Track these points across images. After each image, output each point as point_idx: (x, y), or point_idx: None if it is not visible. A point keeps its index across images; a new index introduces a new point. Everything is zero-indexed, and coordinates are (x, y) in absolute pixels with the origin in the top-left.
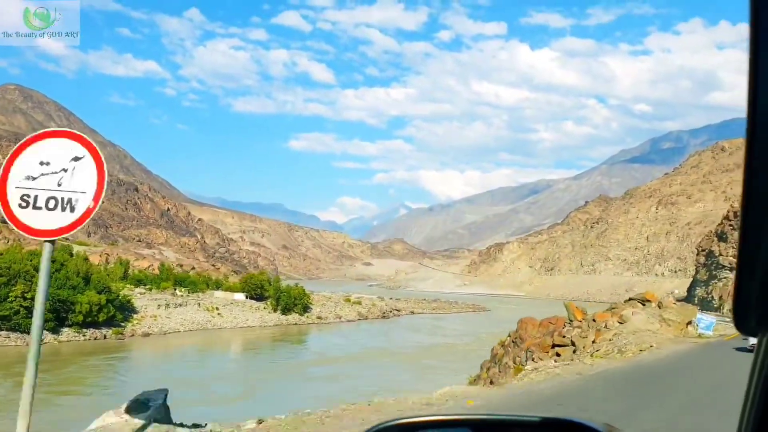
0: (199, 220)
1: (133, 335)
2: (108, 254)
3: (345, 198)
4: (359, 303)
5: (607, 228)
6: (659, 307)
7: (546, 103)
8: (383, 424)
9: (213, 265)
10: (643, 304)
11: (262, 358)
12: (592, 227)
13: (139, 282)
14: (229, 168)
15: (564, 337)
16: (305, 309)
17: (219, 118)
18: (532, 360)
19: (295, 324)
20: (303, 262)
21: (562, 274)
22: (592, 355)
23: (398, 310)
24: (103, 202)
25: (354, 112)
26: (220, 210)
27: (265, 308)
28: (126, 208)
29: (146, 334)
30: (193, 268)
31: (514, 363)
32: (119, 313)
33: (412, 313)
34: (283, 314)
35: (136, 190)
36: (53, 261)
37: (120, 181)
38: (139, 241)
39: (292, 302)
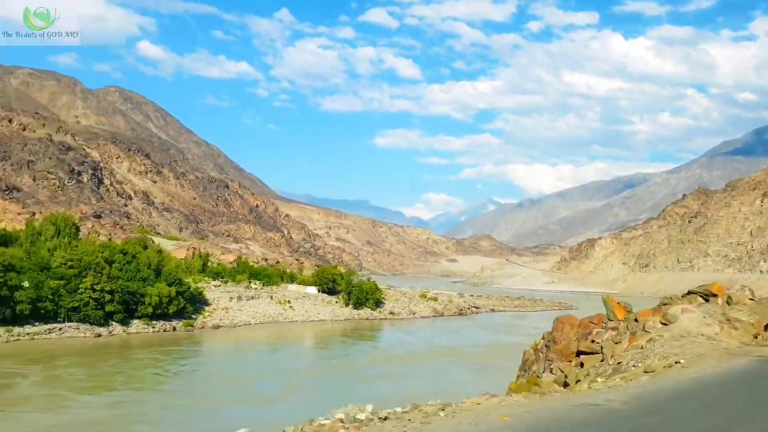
0: (287, 216)
1: (203, 327)
2: (195, 248)
3: (431, 194)
4: (435, 299)
5: (706, 222)
6: (728, 303)
7: (641, 93)
8: None
9: (297, 260)
10: (706, 299)
11: (324, 353)
12: (690, 222)
13: (216, 275)
14: (317, 166)
15: (594, 342)
16: (377, 304)
17: (308, 117)
18: (550, 371)
19: (366, 319)
20: (387, 257)
21: (657, 271)
22: (587, 381)
23: (477, 307)
24: (195, 199)
25: (440, 106)
26: (306, 206)
27: (336, 302)
28: (216, 204)
29: (216, 327)
30: (278, 261)
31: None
32: (189, 305)
33: (493, 310)
34: (354, 309)
35: (227, 187)
36: (124, 253)
37: (211, 178)
38: (228, 235)
39: (364, 297)
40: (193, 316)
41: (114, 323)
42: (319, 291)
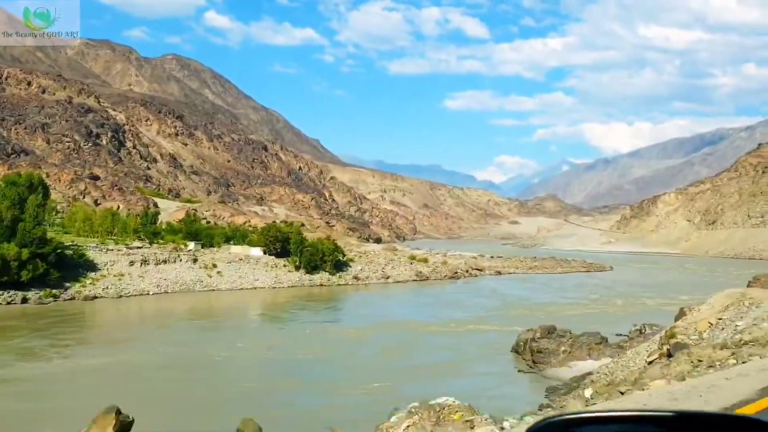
0: (332, 178)
1: (74, 299)
2: (194, 210)
3: (503, 156)
4: (425, 261)
5: None
6: None
7: (723, 44)
8: (552, 418)
9: (327, 223)
10: None
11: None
12: (764, 172)
13: (155, 235)
14: (387, 132)
15: None
16: (339, 267)
17: (375, 81)
18: None
19: (321, 285)
20: (444, 221)
21: (725, 228)
22: None
23: (480, 270)
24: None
25: (510, 66)
26: (361, 170)
27: (285, 266)
28: (252, 167)
29: (92, 298)
30: (303, 224)
31: None
32: (55, 271)
33: (499, 273)
34: (308, 273)
35: (265, 149)
36: None
37: (249, 140)
38: (261, 198)
39: (319, 258)
40: (67, 285)
41: None
42: (265, 253)
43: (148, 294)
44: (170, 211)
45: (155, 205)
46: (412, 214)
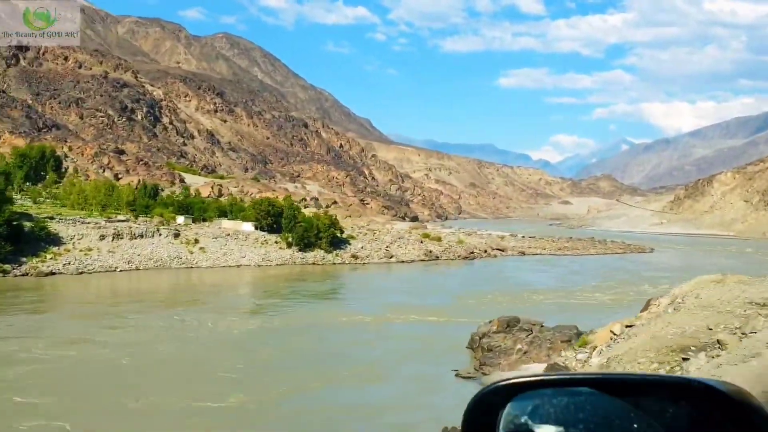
0: (373, 156)
1: (28, 275)
2: (220, 186)
3: (560, 136)
4: (438, 240)
5: None
6: None
7: None
8: (497, 383)
9: (361, 200)
10: None
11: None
12: None
13: (146, 208)
14: (439, 111)
15: None
16: (336, 245)
17: (428, 60)
18: None
19: (313, 264)
20: (492, 200)
21: None
22: None
23: (501, 250)
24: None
25: (567, 43)
26: (406, 148)
27: (276, 242)
28: (291, 144)
29: (45, 274)
30: (335, 202)
31: None
32: (8, 244)
33: (522, 254)
34: (301, 251)
35: (305, 126)
36: None
37: (289, 117)
38: (298, 175)
39: (314, 235)
40: (23, 259)
41: None
42: (257, 228)
43: (115, 270)
44: (197, 186)
45: (182, 180)
46: (458, 193)
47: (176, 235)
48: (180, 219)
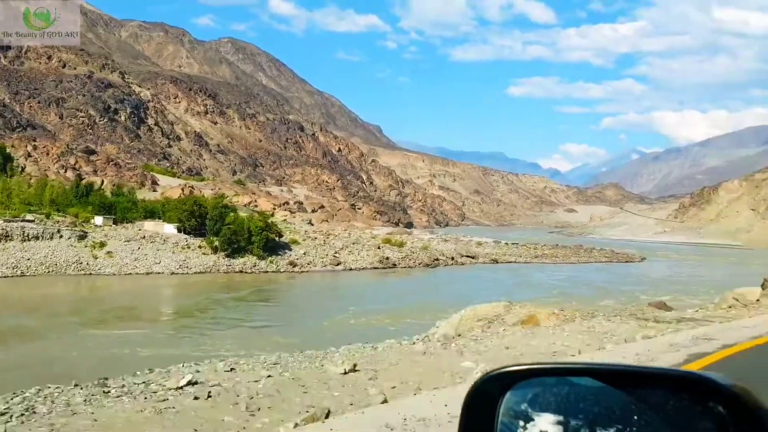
0: (372, 161)
1: None
2: (191, 187)
3: (570, 145)
4: (400, 245)
5: None
6: None
7: None
8: (498, 370)
9: (353, 205)
10: None
11: None
12: None
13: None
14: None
15: None
16: (272, 250)
17: (438, 68)
18: None
19: (241, 272)
20: (496, 207)
21: None
22: None
23: (472, 257)
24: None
25: (577, 52)
26: (410, 153)
27: (200, 247)
28: (285, 147)
29: None
30: (322, 206)
31: None
32: None
33: (495, 261)
34: (229, 257)
35: (301, 129)
36: None
37: (285, 120)
38: (286, 179)
39: (245, 238)
40: None
41: None
42: (180, 230)
43: None
44: (169, 188)
45: (154, 182)
46: (462, 199)
47: (81, 237)
48: (98, 220)
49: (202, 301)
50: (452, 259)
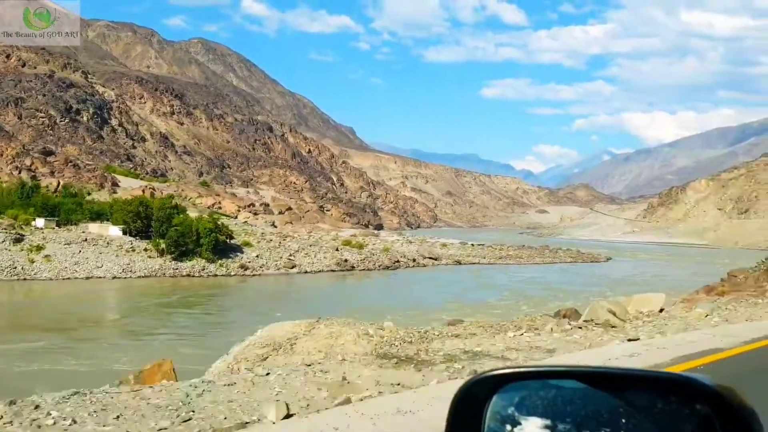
0: (343, 163)
1: None
2: (153, 189)
3: (542, 146)
4: (360, 247)
5: None
6: None
7: None
8: (484, 373)
9: (321, 207)
10: None
11: None
12: None
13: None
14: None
15: None
16: (223, 252)
17: (411, 69)
18: None
19: (188, 275)
20: (468, 209)
21: (758, 217)
22: None
23: (434, 259)
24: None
25: (548, 54)
26: (382, 155)
27: (146, 250)
28: (254, 149)
29: None
30: (289, 208)
31: None
32: None
33: (458, 263)
34: (176, 260)
35: (270, 130)
36: None
37: (253, 121)
38: (253, 180)
39: (193, 241)
40: None
41: None
42: (126, 233)
43: None
44: (130, 190)
45: (114, 183)
46: (434, 201)
47: (18, 240)
48: (40, 222)
49: (130, 307)
50: (414, 261)
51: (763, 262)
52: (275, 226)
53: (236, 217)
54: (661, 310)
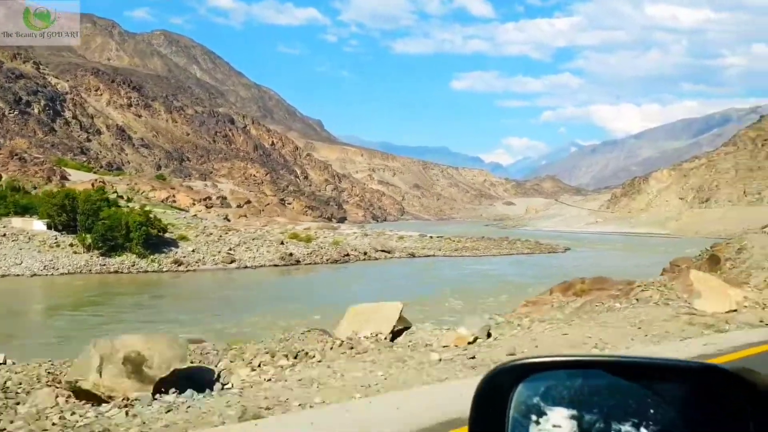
0: (308, 155)
1: None
2: (103, 182)
3: (512, 139)
4: (308, 240)
5: None
6: None
7: (733, 23)
8: (510, 363)
9: (282, 200)
10: None
11: None
12: (762, 145)
13: None
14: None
15: None
16: (155, 247)
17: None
18: None
19: (117, 272)
20: (436, 202)
21: (719, 206)
22: None
23: (388, 252)
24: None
25: (515, 46)
26: (349, 148)
27: (72, 245)
28: (214, 141)
29: None
30: (249, 201)
31: None
32: None
33: (412, 255)
34: (104, 255)
35: (232, 122)
36: None
37: (214, 113)
38: (211, 173)
39: (122, 235)
40: None
41: None
42: (51, 227)
43: None
44: (79, 184)
45: (63, 177)
46: (402, 194)
47: None
48: None
49: (29, 309)
50: (365, 254)
51: (706, 251)
52: (228, 220)
53: (188, 211)
54: (400, 332)
